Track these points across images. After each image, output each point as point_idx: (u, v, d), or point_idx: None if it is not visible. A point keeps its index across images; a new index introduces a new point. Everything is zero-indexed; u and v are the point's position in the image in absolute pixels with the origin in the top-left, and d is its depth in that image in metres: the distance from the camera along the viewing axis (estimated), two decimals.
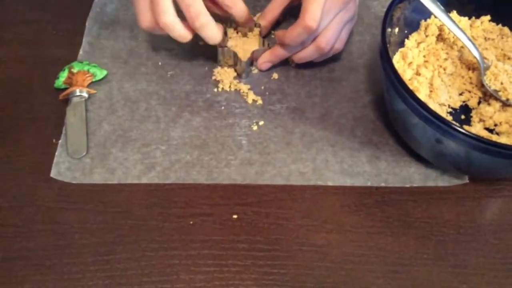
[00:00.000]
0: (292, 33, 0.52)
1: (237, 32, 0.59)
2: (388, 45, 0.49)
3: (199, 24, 0.51)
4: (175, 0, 0.51)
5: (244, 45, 0.58)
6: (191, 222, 0.48)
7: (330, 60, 0.59)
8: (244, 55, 0.57)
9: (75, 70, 0.56)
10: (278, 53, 0.57)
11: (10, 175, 0.51)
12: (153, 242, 0.47)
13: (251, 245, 0.47)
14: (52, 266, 0.45)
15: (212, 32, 0.52)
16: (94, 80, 0.57)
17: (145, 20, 0.54)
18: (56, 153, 0.52)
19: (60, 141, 0.53)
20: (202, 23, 0.51)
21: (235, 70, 0.59)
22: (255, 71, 0.59)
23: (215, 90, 0.58)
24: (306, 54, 0.56)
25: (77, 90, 0.55)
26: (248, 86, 0.58)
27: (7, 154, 0.52)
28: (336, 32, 0.54)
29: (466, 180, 0.51)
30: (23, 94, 0.56)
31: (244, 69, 0.57)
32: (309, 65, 0.58)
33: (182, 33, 0.53)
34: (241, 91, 0.58)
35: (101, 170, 0.51)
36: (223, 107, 0.56)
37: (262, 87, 0.58)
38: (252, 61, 0.59)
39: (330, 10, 0.52)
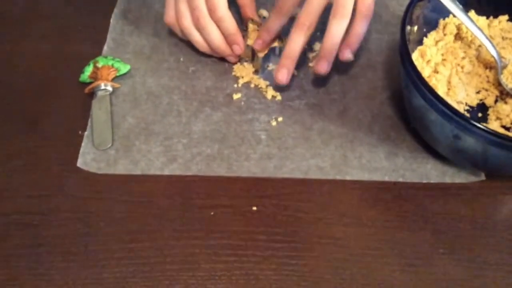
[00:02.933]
0: (331, 30, 0.52)
1: (258, 29, 0.60)
2: (407, 43, 0.50)
3: (217, 17, 0.54)
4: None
5: None
6: (212, 213, 0.50)
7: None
8: (261, 52, 0.58)
9: (100, 65, 0.58)
10: (329, 53, 0.54)
11: (39, 165, 0.52)
12: (175, 231, 0.48)
13: (270, 237, 0.48)
14: (78, 254, 0.47)
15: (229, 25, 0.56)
16: (118, 74, 0.58)
17: (169, 16, 0.57)
18: (82, 144, 0.53)
19: (86, 132, 0.54)
20: (220, 17, 0.54)
21: (253, 66, 0.60)
22: (271, 68, 0.60)
23: (235, 85, 0.59)
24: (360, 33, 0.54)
25: (102, 84, 0.56)
26: (267, 82, 0.59)
27: (36, 145, 0.54)
28: (362, 32, 0.53)
29: (482, 177, 0.52)
30: (50, 87, 0.58)
31: (260, 64, 0.59)
32: None
33: (199, 40, 0.57)
34: (260, 87, 0.59)
35: (125, 161, 0.53)
36: (242, 103, 0.58)
37: (285, 85, 0.59)
38: (269, 57, 0.60)
39: None
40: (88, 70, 0.58)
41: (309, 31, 0.53)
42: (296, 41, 0.53)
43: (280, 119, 0.56)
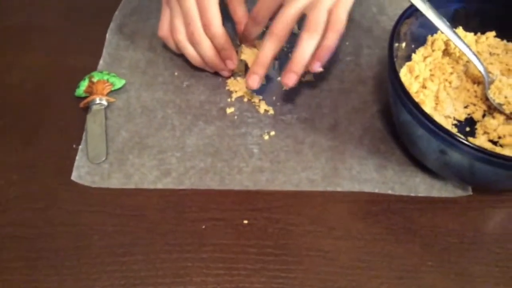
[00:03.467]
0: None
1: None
2: (395, 59, 0.51)
3: (211, 33, 0.56)
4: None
5: (255, 57, 0.61)
6: (204, 227, 0.50)
7: (340, 72, 0.61)
8: None
9: (95, 80, 0.59)
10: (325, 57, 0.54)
11: (34, 178, 0.53)
12: (167, 245, 0.49)
13: (261, 250, 0.49)
14: (71, 267, 0.48)
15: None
16: (113, 89, 0.59)
17: (163, 29, 0.58)
18: (77, 158, 0.54)
19: (80, 146, 0.55)
20: (214, 33, 0.56)
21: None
22: (264, 82, 0.61)
23: (228, 100, 0.60)
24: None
25: (97, 99, 0.57)
26: (260, 97, 0.60)
27: (31, 158, 0.54)
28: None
29: (470, 191, 0.53)
30: (46, 101, 0.59)
31: None
32: (319, 77, 0.60)
33: (193, 54, 0.59)
34: (253, 101, 0.60)
35: (118, 175, 0.53)
36: (236, 117, 0.59)
37: (274, 98, 0.60)
38: None
39: None
40: (84, 84, 0.59)
41: (281, 40, 0.54)
42: (267, 49, 0.54)
43: (272, 133, 0.57)
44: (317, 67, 0.54)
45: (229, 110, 0.59)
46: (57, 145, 0.55)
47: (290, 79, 0.54)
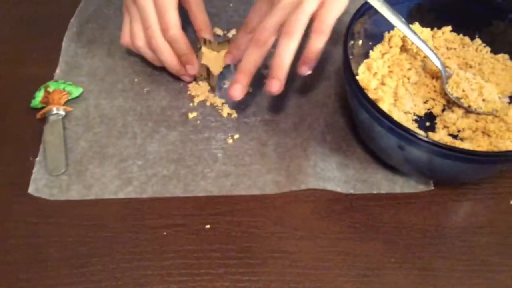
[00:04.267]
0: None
1: (212, 48, 0.61)
2: (352, 57, 0.52)
3: (169, 37, 0.56)
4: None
5: (216, 60, 0.60)
6: (165, 233, 0.50)
7: None
8: (216, 70, 0.59)
9: (51, 89, 0.58)
10: (312, 62, 0.53)
11: None
12: (127, 253, 0.48)
13: (224, 254, 0.49)
14: (28, 280, 0.46)
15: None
16: (70, 98, 0.58)
17: (124, 37, 0.58)
18: (34, 170, 0.53)
19: (37, 158, 0.54)
20: (172, 36, 0.56)
21: (209, 84, 0.61)
22: (226, 85, 0.61)
23: (191, 104, 0.59)
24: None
25: (54, 109, 0.56)
26: (223, 100, 0.60)
27: None
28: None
29: (431, 186, 0.53)
30: (0, 112, 0.58)
31: (216, 82, 0.59)
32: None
33: (155, 59, 0.58)
34: (216, 105, 0.59)
35: (78, 187, 0.52)
36: (198, 121, 0.58)
37: (237, 101, 0.60)
38: (224, 75, 0.60)
39: None
40: (39, 95, 0.58)
41: (265, 47, 0.52)
42: (251, 57, 0.52)
43: (236, 136, 0.57)
44: (305, 71, 0.53)
45: (192, 115, 0.58)
46: (13, 158, 0.54)
47: (273, 85, 0.51)
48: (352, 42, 0.53)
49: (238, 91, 0.53)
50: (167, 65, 0.58)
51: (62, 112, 0.57)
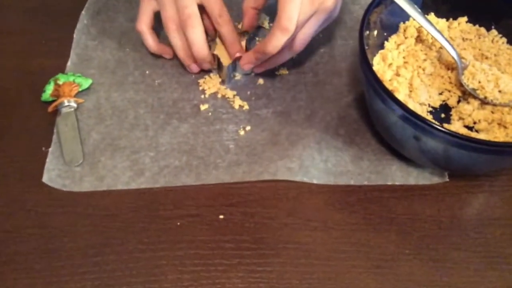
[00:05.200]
0: (271, 40, 0.51)
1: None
2: (367, 48, 0.51)
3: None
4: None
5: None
6: (178, 223, 0.49)
7: (314, 64, 0.61)
8: (226, 61, 0.59)
9: (60, 82, 0.58)
10: (259, 55, 0.56)
11: (0, 182, 0.52)
12: (141, 243, 0.48)
13: (238, 244, 0.48)
14: (42, 270, 0.46)
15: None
16: (80, 89, 0.58)
17: (141, 23, 0.59)
18: (47, 160, 0.53)
19: (50, 149, 0.54)
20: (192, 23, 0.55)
21: (219, 76, 0.60)
22: (238, 77, 0.61)
23: (202, 96, 0.59)
24: (283, 57, 0.56)
25: (65, 101, 0.56)
26: (234, 92, 0.59)
27: None
28: (311, 35, 0.54)
29: (446, 178, 0.52)
30: (12, 104, 0.58)
31: (226, 74, 0.59)
32: (294, 70, 0.60)
33: (179, 43, 0.58)
34: (227, 97, 0.59)
35: (90, 178, 0.52)
36: (210, 113, 0.58)
37: (248, 93, 0.60)
38: (235, 67, 0.60)
39: (306, 11, 0.50)
40: (49, 88, 0.58)
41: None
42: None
43: (248, 128, 0.56)
44: (247, 67, 0.57)
45: (203, 107, 0.58)
46: (25, 148, 0.54)
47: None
48: (367, 32, 0.52)
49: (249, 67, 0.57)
50: (196, 46, 0.57)
51: (73, 104, 0.57)
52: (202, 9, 0.57)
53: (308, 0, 0.50)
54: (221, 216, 0.50)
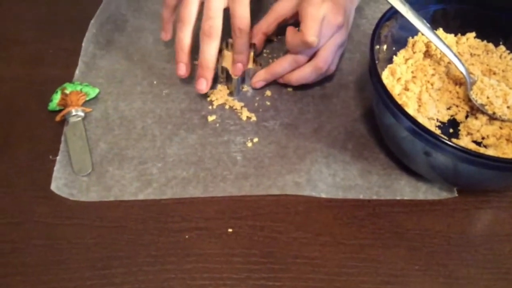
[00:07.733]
0: (293, 43, 0.54)
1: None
2: (377, 62, 0.51)
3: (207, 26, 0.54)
4: None
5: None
6: (187, 236, 0.49)
7: (322, 78, 0.61)
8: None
9: (68, 91, 0.57)
10: (273, 71, 0.58)
11: (7, 192, 0.51)
12: (149, 256, 0.48)
13: (246, 258, 0.48)
14: (49, 282, 0.46)
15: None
16: (87, 99, 0.58)
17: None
18: (55, 169, 0.53)
19: (57, 157, 0.54)
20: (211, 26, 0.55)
21: (228, 88, 0.60)
22: (246, 89, 0.61)
23: (210, 107, 0.59)
24: (304, 74, 0.57)
25: (73, 110, 0.56)
26: (242, 104, 0.59)
27: (4, 172, 0.53)
28: (332, 53, 0.56)
29: (455, 193, 0.53)
30: (19, 112, 0.58)
31: (235, 86, 0.59)
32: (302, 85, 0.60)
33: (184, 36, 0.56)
34: (235, 108, 0.59)
35: (97, 188, 0.52)
36: (217, 125, 0.58)
37: (256, 104, 0.60)
38: (243, 79, 0.60)
39: (326, 32, 0.54)
40: (56, 97, 0.57)
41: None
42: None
43: (255, 140, 0.56)
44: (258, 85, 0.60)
45: (211, 118, 0.58)
46: (32, 158, 0.54)
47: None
48: (377, 46, 0.53)
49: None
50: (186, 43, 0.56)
51: (81, 113, 0.56)
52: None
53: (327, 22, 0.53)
54: (230, 230, 0.50)
